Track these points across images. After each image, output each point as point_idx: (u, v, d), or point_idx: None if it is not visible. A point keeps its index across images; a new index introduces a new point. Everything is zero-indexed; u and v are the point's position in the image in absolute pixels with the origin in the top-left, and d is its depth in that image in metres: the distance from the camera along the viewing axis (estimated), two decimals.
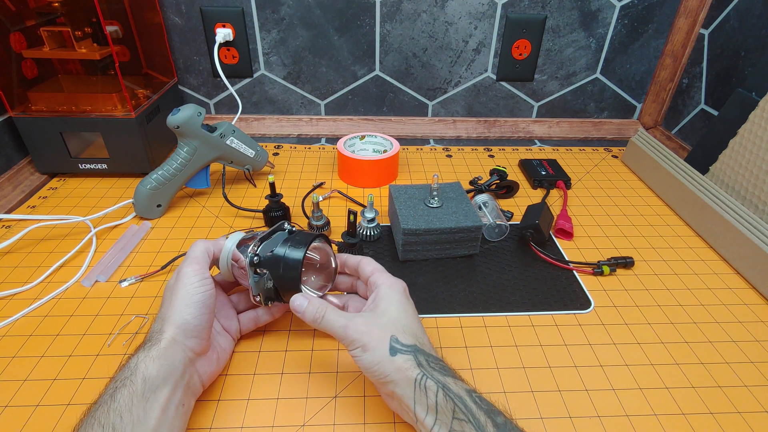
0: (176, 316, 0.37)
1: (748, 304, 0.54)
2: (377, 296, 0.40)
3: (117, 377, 0.34)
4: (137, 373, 0.33)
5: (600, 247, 0.63)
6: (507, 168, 0.77)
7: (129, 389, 0.33)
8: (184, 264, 0.40)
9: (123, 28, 0.74)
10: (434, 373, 0.35)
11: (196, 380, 0.38)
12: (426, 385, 0.34)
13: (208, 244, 0.42)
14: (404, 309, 0.39)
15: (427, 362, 0.36)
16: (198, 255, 0.41)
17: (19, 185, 0.71)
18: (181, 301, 0.38)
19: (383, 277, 0.42)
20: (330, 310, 0.39)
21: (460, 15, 0.85)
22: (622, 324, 0.51)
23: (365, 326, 0.37)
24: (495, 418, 0.32)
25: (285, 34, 0.85)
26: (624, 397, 0.43)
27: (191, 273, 0.39)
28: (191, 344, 0.37)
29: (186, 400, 0.37)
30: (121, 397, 0.32)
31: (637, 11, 0.86)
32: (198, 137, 0.63)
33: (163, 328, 0.37)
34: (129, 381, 0.33)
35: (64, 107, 0.70)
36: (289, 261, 0.40)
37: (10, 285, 0.53)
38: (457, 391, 0.34)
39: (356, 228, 0.61)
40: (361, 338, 0.36)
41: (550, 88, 0.94)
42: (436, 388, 0.34)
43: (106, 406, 0.32)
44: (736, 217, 0.60)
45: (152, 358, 0.34)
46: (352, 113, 0.96)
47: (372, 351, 0.36)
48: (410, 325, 0.38)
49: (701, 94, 0.84)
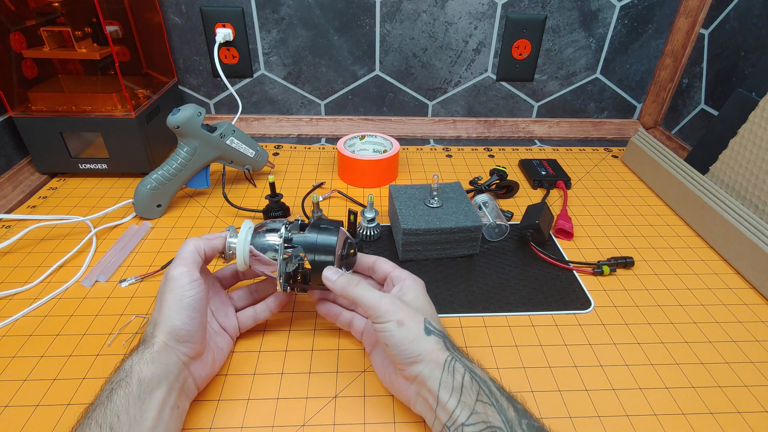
0: (166, 321, 0.37)
1: (748, 304, 0.54)
2: (403, 287, 0.41)
3: (113, 378, 0.34)
4: (132, 375, 0.34)
5: (600, 247, 0.63)
6: (507, 168, 0.77)
7: (125, 390, 0.33)
8: (173, 266, 0.39)
9: (123, 28, 0.74)
10: (462, 358, 0.36)
11: (191, 383, 0.38)
12: (455, 367, 0.35)
13: (199, 243, 0.41)
14: (428, 301, 0.41)
15: (454, 348, 0.37)
16: (187, 256, 0.39)
17: (19, 185, 0.71)
18: (171, 307, 0.37)
19: (405, 272, 0.43)
20: (363, 283, 0.40)
21: (460, 15, 0.85)
22: (622, 324, 0.51)
23: (400, 304, 0.38)
24: (515, 405, 0.34)
25: (285, 34, 0.85)
26: (624, 397, 0.43)
27: (179, 276, 0.38)
28: (184, 349, 0.37)
29: (180, 402, 0.37)
30: (118, 398, 0.32)
31: (637, 11, 0.86)
32: (198, 137, 0.63)
33: (154, 332, 0.37)
34: (125, 382, 0.33)
35: (64, 107, 0.70)
36: (324, 242, 0.42)
37: (10, 285, 0.53)
38: (482, 376, 0.35)
39: (356, 228, 0.61)
40: (397, 312, 0.37)
41: (550, 88, 0.94)
42: (464, 370, 0.35)
43: (103, 407, 0.32)
44: (736, 217, 0.60)
45: (146, 362, 0.34)
46: (352, 113, 0.96)
47: (407, 327, 0.36)
48: (435, 316, 0.40)
49: (701, 94, 0.84)
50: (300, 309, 0.51)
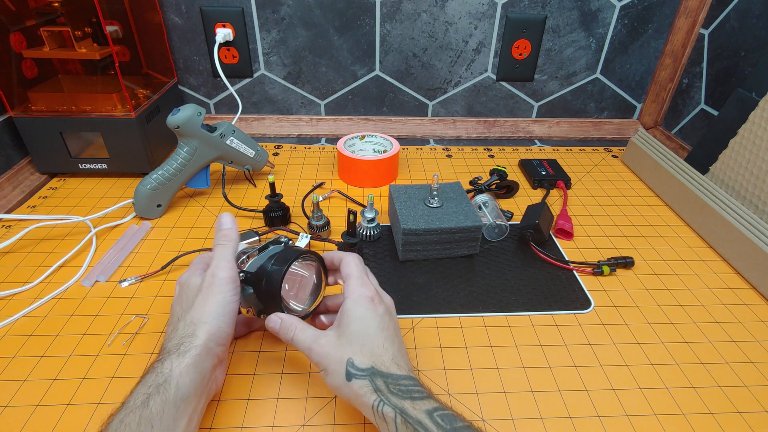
0: (212, 322, 0.36)
1: (748, 304, 0.54)
2: (342, 311, 0.38)
3: (148, 381, 0.33)
4: (171, 380, 0.33)
5: (600, 247, 0.63)
6: (507, 168, 0.77)
7: (162, 397, 0.32)
8: (221, 267, 0.39)
9: (123, 28, 0.74)
10: (391, 398, 0.33)
11: (213, 388, 0.38)
12: (384, 412, 0.32)
13: (236, 246, 0.41)
14: (365, 324, 0.37)
15: (386, 385, 0.34)
16: (232, 259, 0.40)
17: (19, 185, 0.71)
18: (217, 309, 0.37)
19: (352, 286, 0.39)
20: (299, 330, 0.38)
21: (460, 15, 0.85)
22: (622, 324, 0.51)
23: (327, 348, 0.36)
24: None
25: (285, 34, 0.85)
26: (624, 397, 0.43)
27: (229, 280, 0.38)
28: (219, 351, 0.37)
29: (204, 409, 0.37)
30: (154, 405, 0.31)
31: (637, 11, 0.86)
32: (198, 137, 0.63)
33: (196, 332, 0.36)
34: (163, 388, 0.32)
35: (64, 107, 0.70)
36: (270, 278, 0.40)
37: (10, 285, 0.53)
38: (415, 416, 0.32)
39: (356, 228, 0.61)
40: (322, 362, 0.36)
41: (550, 88, 0.94)
42: (394, 414, 0.32)
43: (139, 413, 0.31)
44: (736, 217, 0.60)
45: (187, 366, 0.34)
46: (352, 113, 0.96)
47: (332, 375, 0.35)
48: (369, 343, 0.36)
49: (701, 94, 0.84)
50: None
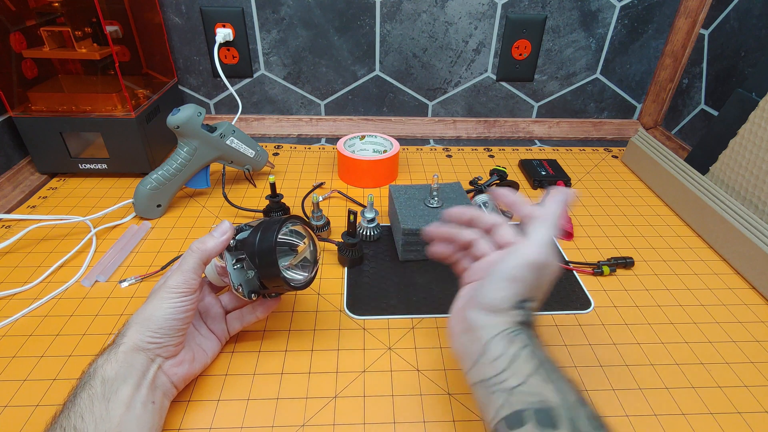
0: (143, 323, 0.37)
1: (748, 304, 0.54)
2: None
3: (77, 384, 0.35)
4: (96, 376, 0.34)
5: (600, 247, 0.63)
6: (507, 168, 0.77)
7: (88, 392, 0.34)
8: (172, 275, 0.39)
9: (123, 28, 0.74)
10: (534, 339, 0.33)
11: (165, 380, 0.38)
12: (517, 339, 0.32)
13: (204, 252, 0.40)
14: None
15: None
16: (191, 269, 0.39)
17: (19, 185, 0.71)
18: (153, 312, 0.37)
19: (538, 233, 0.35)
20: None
21: (460, 15, 0.85)
22: (622, 324, 0.51)
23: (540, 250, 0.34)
24: (578, 395, 0.31)
25: (285, 34, 0.85)
26: (624, 397, 0.43)
27: (173, 288, 0.38)
28: (154, 348, 0.37)
29: (155, 398, 0.37)
30: (81, 400, 0.33)
31: (637, 11, 0.86)
32: (198, 137, 0.63)
33: (126, 332, 0.37)
34: (88, 385, 0.34)
35: (64, 107, 0.70)
36: (263, 245, 0.38)
37: (10, 285, 0.53)
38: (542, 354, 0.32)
39: (356, 228, 0.61)
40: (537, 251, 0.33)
41: (550, 88, 0.94)
42: (525, 342, 0.32)
43: (68, 410, 0.33)
44: (736, 217, 0.60)
45: (109, 362, 0.35)
46: (352, 113, 0.96)
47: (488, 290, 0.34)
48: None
49: (701, 94, 0.84)
50: (300, 309, 0.51)
